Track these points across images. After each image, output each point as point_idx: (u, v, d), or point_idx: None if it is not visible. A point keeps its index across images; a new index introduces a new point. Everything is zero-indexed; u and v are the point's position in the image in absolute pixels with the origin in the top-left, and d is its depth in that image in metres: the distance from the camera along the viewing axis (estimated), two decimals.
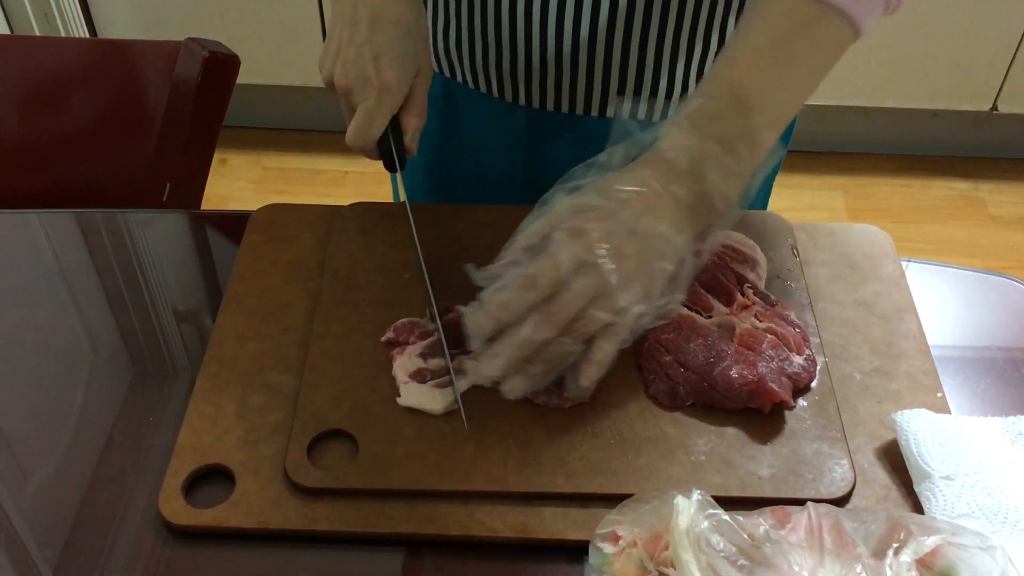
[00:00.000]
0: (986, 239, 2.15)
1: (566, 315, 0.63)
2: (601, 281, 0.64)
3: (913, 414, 0.66)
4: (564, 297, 0.63)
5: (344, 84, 0.76)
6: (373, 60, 0.74)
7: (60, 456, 0.70)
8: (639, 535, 0.56)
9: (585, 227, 0.64)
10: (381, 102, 0.75)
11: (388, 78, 0.74)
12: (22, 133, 1.20)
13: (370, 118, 0.75)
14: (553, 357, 0.65)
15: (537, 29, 0.83)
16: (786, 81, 0.69)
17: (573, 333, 0.65)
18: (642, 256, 0.65)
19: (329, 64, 0.78)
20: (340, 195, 2.21)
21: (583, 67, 0.85)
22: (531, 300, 0.64)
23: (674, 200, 0.66)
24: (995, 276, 0.84)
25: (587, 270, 0.64)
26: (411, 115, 0.77)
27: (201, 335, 0.79)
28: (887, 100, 2.17)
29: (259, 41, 2.17)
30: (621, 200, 0.65)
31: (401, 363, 0.71)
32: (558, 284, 0.64)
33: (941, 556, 0.54)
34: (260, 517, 0.63)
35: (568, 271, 0.63)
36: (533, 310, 0.64)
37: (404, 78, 0.75)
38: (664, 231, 0.66)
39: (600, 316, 0.64)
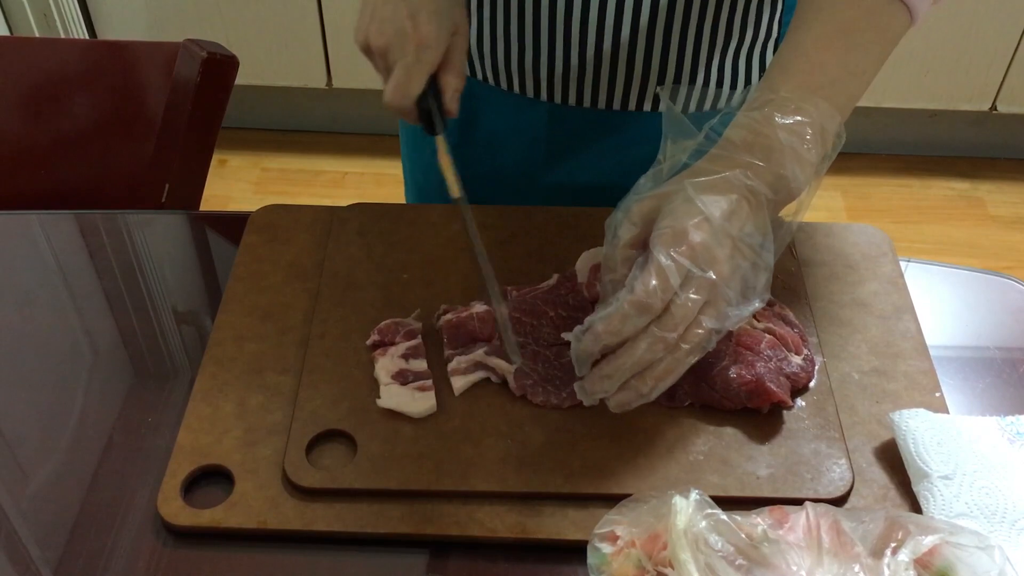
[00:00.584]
0: (985, 239, 2.15)
1: (678, 333, 0.62)
2: (708, 292, 0.62)
3: (911, 414, 0.66)
4: (677, 315, 0.62)
5: (381, 43, 0.73)
6: (410, 16, 0.72)
7: (60, 457, 0.70)
8: (637, 535, 0.56)
9: (684, 239, 0.62)
10: (420, 59, 0.72)
11: (426, 32, 0.72)
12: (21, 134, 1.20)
13: (409, 75, 0.73)
14: (664, 373, 0.64)
15: (578, 28, 0.83)
16: (852, 69, 0.68)
17: (684, 347, 0.63)
18: (733, 259, 0.64)
19: (364, 25, 0.75)
20: (339, 196, 2.22)
21: (624, 63, 0.85)
22: (642, 324, 0.62)
23: (756, 197, 0.65)
24: (994, 276, 0.84)
25: (693, 282, 0.62)
26: (450, 74, 0.75)
27: (200, 336, 0.79)
28: (886, 100, 2.18)
29: (259, 42, 2.17)
30: (712, 202, 0.64)
31: (383, 364, 0.71)
32: (668, 303, 0.62)
33: (939, 555, 0.54)
34: (259, 517, 0.63)
35: (677, 288, 0.62)
36: (644, 330, 0.62)
37: (442, 34, 0.73)
38: (751, 231, 0.65)
39: (709, 324, 0.63)
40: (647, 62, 0.85)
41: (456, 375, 0.70)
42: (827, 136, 0.67)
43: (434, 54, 0.73)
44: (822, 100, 0.66)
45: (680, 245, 0.62)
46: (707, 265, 0.62)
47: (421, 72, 0.73)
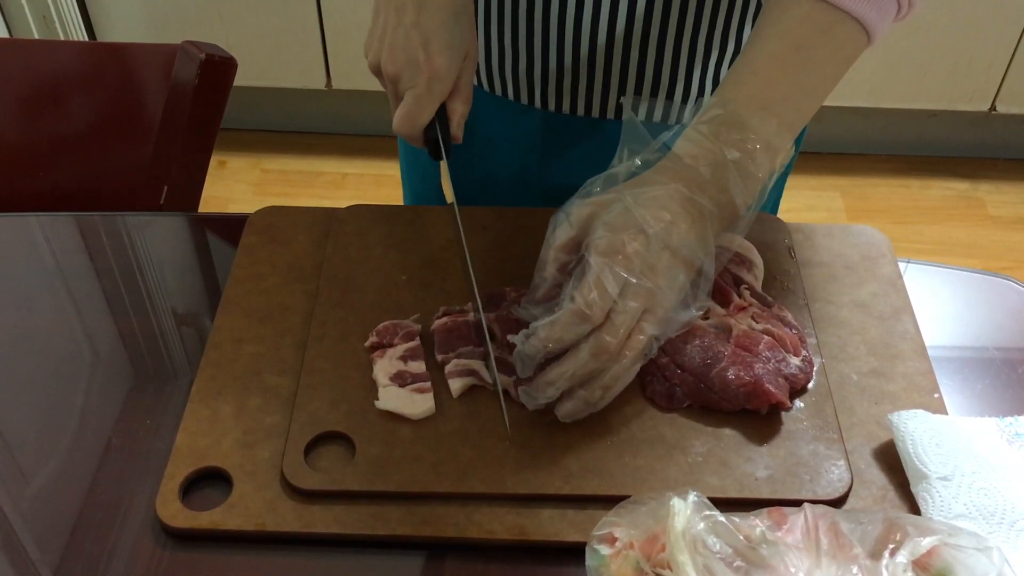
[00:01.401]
0: (985, 239, 2.16)
1: (619, 340, 0.63)
2: (646, 300, 0.64)
3: (910, 415, 0.66)
4: (617, 322, 0.63)
5: (392, 71, 0.73)
6: (423, 45, 0.72)
7: (59, 459, 0.70)
8: (636, 536, 0.56)
9: (621, 248, 0.64)
10: (431, 89, 0.72)
11: (438, 64, 0.72)
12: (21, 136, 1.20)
13: (419, 105, 0.73)
14: (611, 381, 0.65)
15: (556, 33, 0.83)
16: (804, 87, 0.69)
17: (628, 354, 0.65)
18: (670, 270, 0.65)
19: (375, 49, 0.75)
20: (339, 197, 2.22)
21: (601, 70, 0.85)
22: (584, 332, 0.63)
23: (699, 210, 0.66)
24: (993, 277, 0.84)
25: (632, 291, 0.64)
26: (458, 101, 0.75)
27: (199, 337, 0.79)
28: (885, 100, 2.18)
29: (258, 44, 2.17)
30: (649, 214, 0.65)
31: (382, 365, 0.71)
32: (608, 312, 0.63)
33: (938, 557, 0.54)
34: (257, 519, 0.63)
35: (615, 297, 0.63)
36: (585, 339, 0.64)
37: (454, 64, 0.73)
38: (692, 242, 0.66)
39: (651, 331, 0.65)
40: (625, 70, 0.85)
41: (453, 377, 0.70)
42: (774, 152, 0.68)
43: (445, 85, 0.73)
44: (771, 116, 0.67)
45: (616, 255, 0.64)
46: (643, 274, 0.64)
47: (431, 103, 0.73)
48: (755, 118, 0.67)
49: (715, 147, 0.67)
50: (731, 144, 0.67)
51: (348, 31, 2.13)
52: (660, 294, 0.65)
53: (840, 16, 0.67)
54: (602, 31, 0.82)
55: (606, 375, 0.64)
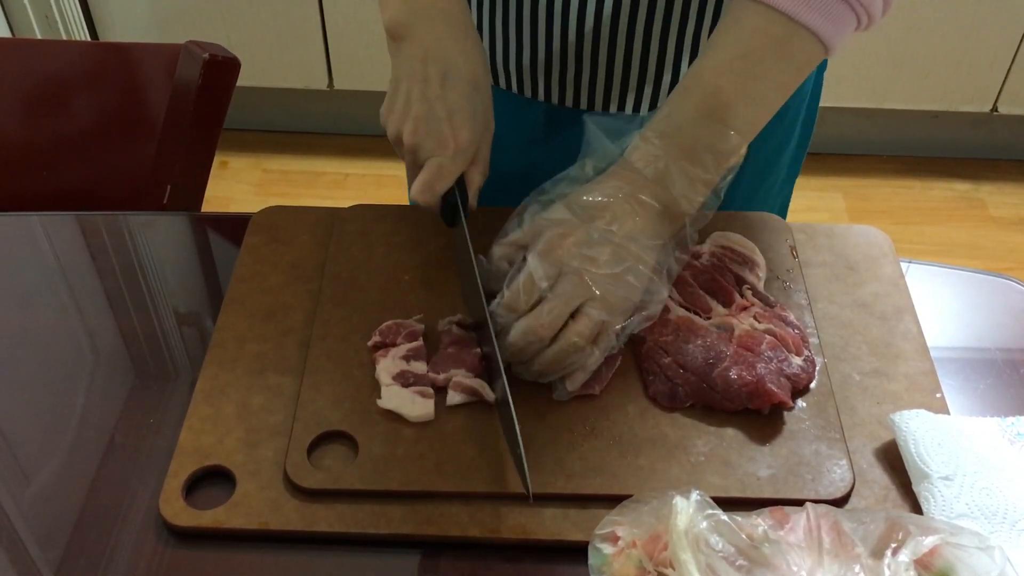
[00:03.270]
0: (986, 240, 2.15)
1: (549, 320, 0.67)
2: (582, 286, 0.68)
3: (912, 415, 0.66)
4: (544, 308, 0.67)
5: (413, 142, 0.74)
6: (447, 119, 0.73)
7: (61, 458, 0.70)
8: (638, 535, 0.56)
9: (558, 242, 0.69)
10: (455, 161, 0.74)
11: (463, 138, 0.74)
12: (23, 136, 1.21)
13: (441, 175, 0.74)
14: (553, 357, 0.68)
15: (558, 23, 0.83)
16: (754, 96, 0.71)
17: (572, 339, 0.67)
18: (617, 263, 0.68)
19: (397, 120, 0.76)
20: (341, 197, 2.22)
21: (602, 61, 0.85)
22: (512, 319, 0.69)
23: (642, 207, 0.70)
24: (995, 277, 0.84)
25: (565, 280, 0.68)
26: (476, 172, 0.77)
27: (202, 337, 0.79)
28: (887, 101, 2.18)
29: (260, 44, 2.18)
30: (591, 212, 0.70)
31: (384, 365, 0.71)
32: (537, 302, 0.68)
33: (939, 556, 0.54)
34: (260, 518, 0.63)
35: (546, 287, 0.68)
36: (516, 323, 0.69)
37: (475, 136, 0.75)
38: (636, 236, 0.69)
39: (596, 315, 0.68)
40: (643, 65, 0.85)
41: (455, 390, 0.70)
42: (721, 156, 0.70)
43: (468, 156, 0.75)
44: (718, 123, 0.69)
45: (554, 249, 0.69)
46: (584, 266, 0.67)
47: (453, 173, 0.75)
48: (701, 123, 0.69)
49: (659, 152, 0.70)
50: (675, 148, 0.70)
51: (350, 31, 2.13)
52: (603, 282, 0.68)
53: (793, 28, 0.68)
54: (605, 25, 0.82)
55: (546, 354, 0.68)
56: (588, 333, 0.68)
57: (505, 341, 0.69)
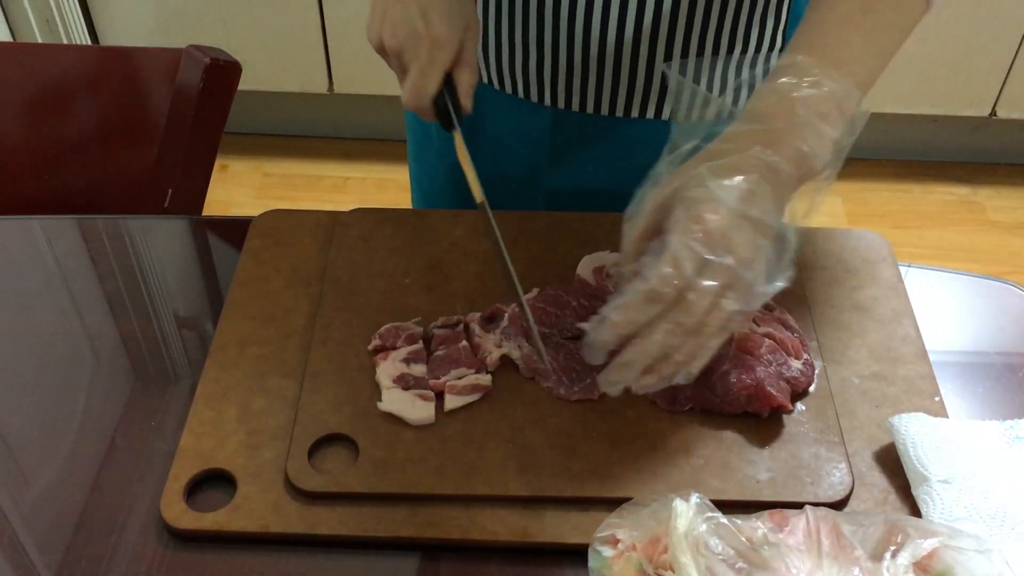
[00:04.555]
0: (985, 244, 2.16)
1: (696, 319, 0.61)
2: (726, 277, 0.62)
3: (911, 418, 0.66)
4: (692, 302, 0.61)
5: (394, 44, 0.74)
6: (422, 16, 0.72)
7: (62, 461, 0.70)
8: (638, 538, 0.56)
9: (699, 225, 0.62)
10: (434, 58, 0.73)
11: (438, 32, 0.72)
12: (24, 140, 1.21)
13: (424, 76, 0.73)
14: (687, 358, 0.63)
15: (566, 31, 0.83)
16: (873, 48, 0.69)
17: (706, 331, 0.62)
18: (754, 242, 0.63)
19: (376, 27, 0.75)
20: (341, 201, 2.22)
21: (612, 69, 0.85)
22: (657, 312, 0.61)
23: (776, 174, 0.64)
24: (994, 281, 0.84)
25: (711, 269, 0.61)
26: (463, 71, 0.75)
27: (202, 340, 0.79)
28: (886, 105, 2.18)
29: (261, 48, 2.18)
30: (728, 185, 0.63)
31: (385, 368, 0.71)
32: (683, 290, 0.61)
33: (938, 559, 0.54)
34: (261, 521, 0.63)
35: (691, 275, 0.61)
36: (660, 318, 0.62)
37: (454, 32, 0.73)
38: (771, 210, 0.64)
39: (731, 307, 0.62)
40: (649, 69, 0.85)
41: (452, 394, 0.70)
42: (846, 112, 0.66)
43: (447, 53, 0.74)
44: (843, 76, 0.66)
45: (695, 232, 0.61)
46: (725, 250, 0.61)
47: (436, 72, 0.73)
48: (828, 77, 0.66)
49: (789, 106, 0.65)
50: (803, 103, 0.65)
51: (350, 35, 2.13)
52: (742, 269, 0.62)
53: None
54: (629, 30, 0.82)
55: (681, 352, 0.62)
56: (722, 327, 0.63)
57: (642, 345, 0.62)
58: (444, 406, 0.69)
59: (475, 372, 0.71)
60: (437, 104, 0.74)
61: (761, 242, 0.63)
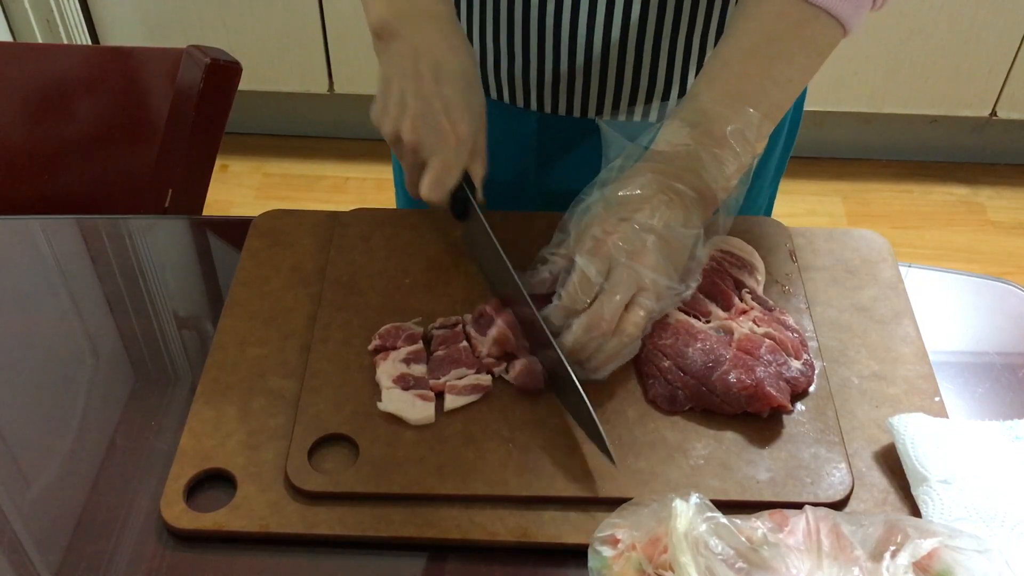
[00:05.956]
0: (985, 244, 2.16)
1: (610, 313, 0.67)
2: (634, 277, 0.68)
3: (910, 418, 0.66)
4: (604, 300, 0.67)
5: (414, 139, 0.75)
6: (445, 112, 0.74)
7: (62, 461, 0.70)
8: (638, 538, 0.56)
9: (603, 238, 0.69)
10: (458, 155, 0.74)
11: (463, 130, 0.74)
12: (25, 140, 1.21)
13: (447, 170, 0.74)
14: (612, 353, 0.69)
15: (552, 38, 0.83)
16: (779, 80, 0.71)
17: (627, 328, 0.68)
18: (661, 250, 0.69)
19: (393, 118, 0.76)
20: (341, 201, 2.22)
21: (599, 74, 0.85)
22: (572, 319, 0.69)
23: (678, 196, 0.70)
24: (994, 281, 0.84)
25: (617, 273, 0.68)
26: (477, 164, 0.77)
27: (202, 340, 0.79)
28: (886, 106, 2.18)
29: (261, 48, 2.18)
30: (629, 206, 0.69)
31: (385, 368, 0.71)
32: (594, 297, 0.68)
33: (938, 559, 0.54)
34: (261, 521, 0.63)
35: (601, 282, 0.68)
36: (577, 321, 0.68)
37: (474, 127, 0.75)
38: (674, 224, 0.69)
39: (648, 304, 0.68)
40: (636, 72, 0.85)
41: (452, 394, 0.70)
42: (749, 141, 0.70)
43: (469, 149, 0.75)
44: (745, 107, 0.69)
45: (602, 246, 0.68)
46: (630, 258, 0.68)
47: (459, 168, 0.75)
48: (728, 109, 0.69)
49: (688, 139, 0.70)
50: (704, 135, 0.70)
51: (350, 35, 2.13)
52: (650, 272, 0.68)
53: (812, 11, 0.69)
54: (614, 33, 0.82)
55: (605, 349, 0.68)
56: (643, 323, 0.69)
57: (564, 341, 0.69)
58: (444, 406, 0.69)
59: (475, 372, 0.71)
60: (454, 196, 0.76)
61: (664, 251, 0.69)
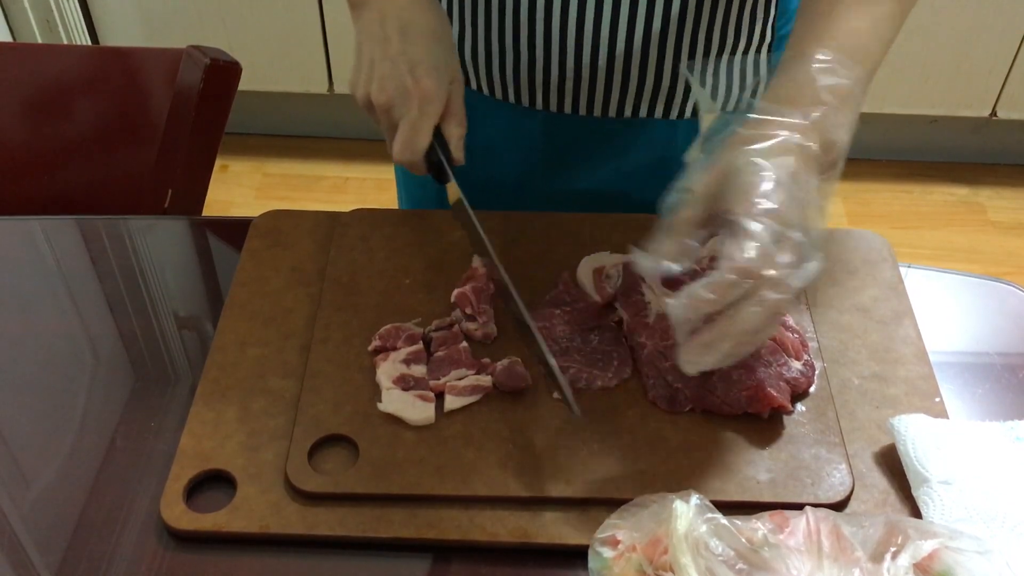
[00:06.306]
0: (985, 244, 2.16)
1: (782, 300, 0.60)
2: (798, 253, 0.61)
3: (911, 419, 0.66)
4: (775, 278, 0.60)
5: (383, 100, 0.74)
6: (410, 71, 0.73)
7: (62, 461, 0.70)
8: (638, 539, 0.56)
9: (766, 202, 0.61)
10: (423, 113, 0.73)
11: (427, 86, 0.73)
12: (24, 140, 1.21)
13: (415, 129, 0.74)
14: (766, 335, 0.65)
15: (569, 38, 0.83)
16: (878, 37, 0.70)
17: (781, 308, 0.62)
18: (805, 221, 0.62)
19: (364, 83, 0.76)
20: (341, 201, 2.22)
21: (605, 73, 0.85)
22: (742, 291, 0.60)
23: (810, 157, 0.64)
24: (994, 282, 0.84)
25: (787, 246, 0.61)
26: (452, 124, 0.76)
27: (202, 341, 0.79)
28: (887, 106, 2.18)
29: (261, 48, 2.18)
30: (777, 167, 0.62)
31: (385, 369, 0.71)
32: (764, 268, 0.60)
33: (938, 560, 0.54)
34: (261, 522, 0.63)
35: (773, 252, 0.60)
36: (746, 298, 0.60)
37: (442, 85, 0.74)
38: (814, 185, 0.64)
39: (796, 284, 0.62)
40: (642, 71, 0.85)
41: (452, 394, 0.70)
42: (858, 97, 0.67)
43: (437, 107, 0.74)
44: (855, 63, 0.67)
45: (768, 212, 0.61)
46: (791, 227, 0.61)
47: (426, 126, 0.74)
48: (841, 65, 0.67)
49: (812, 92, 0.66)
50: (827, 90, 0.66)
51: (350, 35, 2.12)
52: (803, 248, 0.62)
53: None
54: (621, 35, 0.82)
55: (767, 330, 0.63)
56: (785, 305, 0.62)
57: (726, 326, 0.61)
58: (444, 407, 0.69)
59: (475, 373, 0.71)
60: (429, 158, 0.75)
61: (808, 223, 0.63)
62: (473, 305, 0.74)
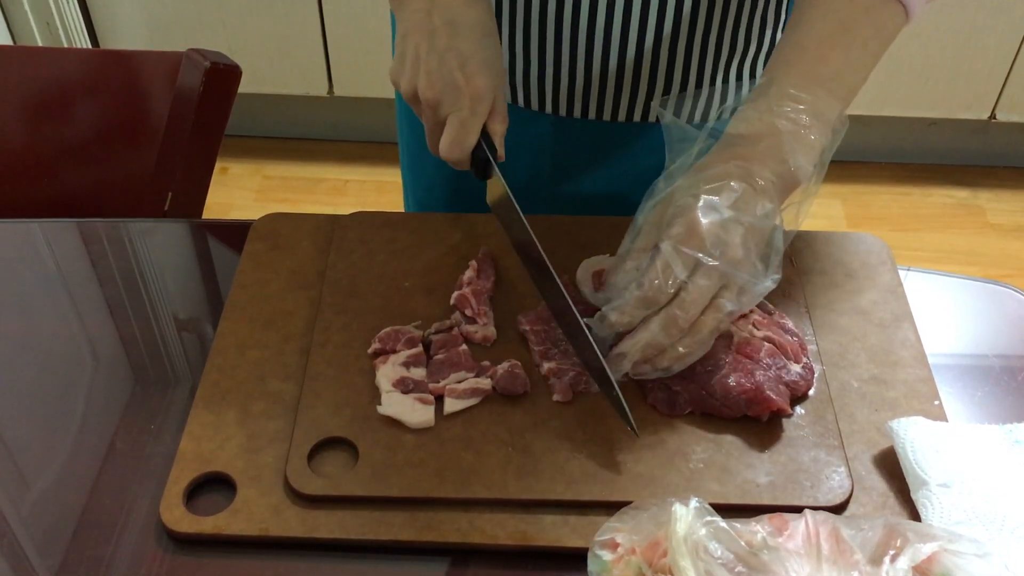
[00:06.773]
0: (985, 247, 2.16)
1: (690, 316, 0.66)
2: (720, 278, 0.66)
3: (910, 422, 0.66)
4: (687, 299, 0.65)
5: (431, 96, 0.72)
6: (460, 68, 0.71)
7: (61, 464, 0.70)
8: (637, 542, 0.56)
9: (694, 229, 0.65)
10: (475, 112, 0.72)
11: (479, 85, 0.71)
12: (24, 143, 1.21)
13: (465, 128, 0.72)
14: (682, 354, 0.67)
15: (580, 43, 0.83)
16: (854, 65, 0.71)
17: (703, 328, 0.67)
18: (747, 243, 0.67)
19: (409, 76, 0.74)
20: (341, 204, 2.22)
21: (615, 78, 0.85)
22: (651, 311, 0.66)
23: (763, 182, 0.68)
24: (993, 284, 0.84)
25: (704, 271, 0.65)
26: (496, 121, 0.75)
27: (202, 343, 0.79)
28: (886, 108, 2.18)
29: (261, 51, 2.18)
30: (717, 193, 0.67)
31: (384, 372, 0.71)
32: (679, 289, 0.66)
33: (938, 563, 0.54)
34: (261, 524, 0.63)
35: (684, 277, 0.65)
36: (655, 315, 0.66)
37: (491, 83, 0.73)
38: (761, 215, 0.67)
39: (727, 306, 0.66)
40: (652, 76, 0.85)
41: (451, 397, 0.70)
42: (826, 122, 0.69)
43: (487, 106, 0.73)
44: (821, 92, 0.69)
45: (690, 238, 0.65)
46: (719, 252, 0.65)
47: (476, 125, 0.73)
48: (805, 91, 0.68)
49: (769, 121, 0.68)
50: (783, 117, 0.68)
51: (350, 38, 2.13)
52: (736, 270, 0.66)
53: None
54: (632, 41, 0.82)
55: (677, 348, 0.67)
56: (720, 325, 0.67)
57: (639, 338, 0.66)
58: (444, 409, 0.69)
59: (475, 376, 0.71)
60: (474, 154, 0.74)
61: (751, 244, 0.67)
62: (473, 307, 0.75)
